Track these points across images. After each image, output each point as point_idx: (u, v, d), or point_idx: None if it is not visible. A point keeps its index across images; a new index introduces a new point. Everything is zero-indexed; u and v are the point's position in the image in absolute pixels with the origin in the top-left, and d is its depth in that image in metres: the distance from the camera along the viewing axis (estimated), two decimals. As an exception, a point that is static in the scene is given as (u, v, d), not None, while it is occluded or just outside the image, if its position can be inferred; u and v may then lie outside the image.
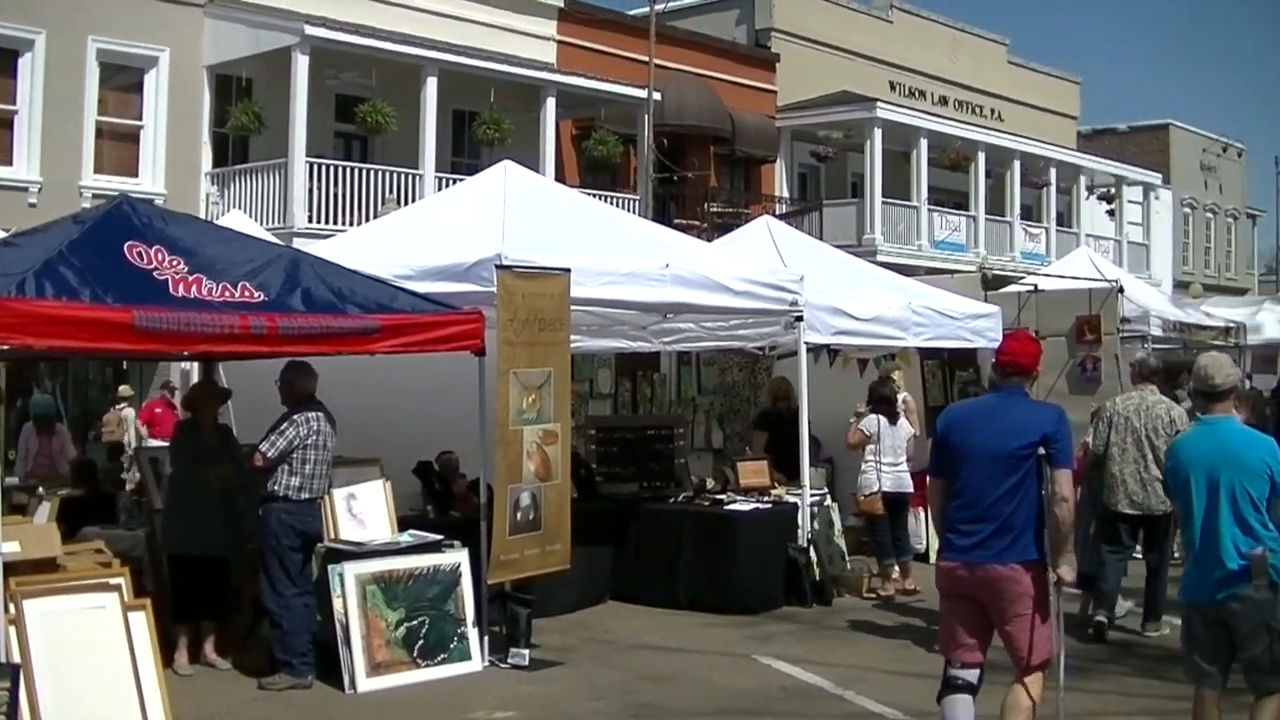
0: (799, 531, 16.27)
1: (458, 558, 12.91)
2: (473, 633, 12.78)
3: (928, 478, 9.81)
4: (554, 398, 13.24)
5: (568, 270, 13.33)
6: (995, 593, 8.85)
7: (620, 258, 14.55)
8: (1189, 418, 12.96)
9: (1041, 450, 8.84)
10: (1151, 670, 12.84)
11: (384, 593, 12.32)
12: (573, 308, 13.58)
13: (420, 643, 12.44)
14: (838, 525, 17.60)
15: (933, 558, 17.49)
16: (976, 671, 9.01)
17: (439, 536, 13.16)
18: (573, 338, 14.31)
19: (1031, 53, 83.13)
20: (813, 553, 16.18)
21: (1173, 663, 12.54)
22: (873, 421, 16.80)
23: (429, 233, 14.83)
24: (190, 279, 10.92)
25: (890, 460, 16.77)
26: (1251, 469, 8.74)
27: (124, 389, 24.84)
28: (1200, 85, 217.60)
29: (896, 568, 16.80)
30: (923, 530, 18.66)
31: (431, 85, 32.06)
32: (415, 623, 12.44)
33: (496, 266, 12.84)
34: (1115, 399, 15.20)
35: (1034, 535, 8.84)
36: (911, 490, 17.14)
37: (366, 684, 11.95)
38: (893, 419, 16.91)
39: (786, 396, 18.21)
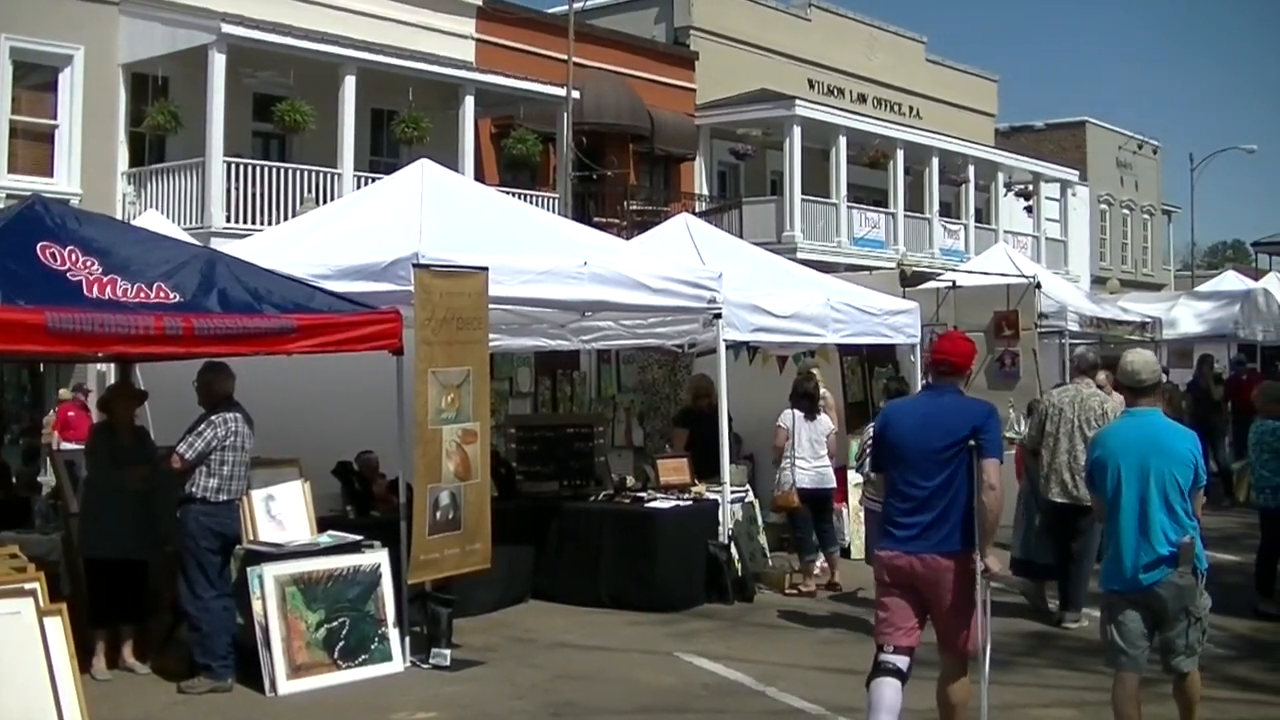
0: (720, 528, 16.30)
1: (378, 558, 12.86)
2: (393, 633, 12.73)
3: (870, 473, 10.05)
4: (473, 397, 13.19)
5: (485, 269, 13.29)
6: (933, 582, 9.19)
7: (538, 256, 14.52)
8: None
9: (971, 442, 9.16)
10: (1068, 662, 12.96)
11: (304, 594, 12.26)
12: (491, 306, 13.53)
13: (341, 644, 12.38)
14: (759, 522, 17.64)
15: (853, 554, 17.70)
16: (907, 659, 9.30)
17: (358, 537, 13.08)
18: (492, 336, 14.29)
19: (949, 51, 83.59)
20: (734, 550, 16.21)
21: (1089, 654, 12.73)
22: (789, 417, 16.85)
23: (346, 232, 14.76)
24: (105, 280, 10.86)
25: (808, 456, 16.79)
26: (1180, 459, 9.21)
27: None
28: (1117, 83, 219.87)
29: (822, 562, 16.86)
30: (846, 528, 18.72)
31: (350, 84, 31.92)
32: (336, 624, 12.38)
33: (414, 265, 12.79)
34: (1052, 392, 15.67)
35: (968, 526, 9.19)
36: (834, 485, 17.21)
37: (287, 686, 11.88)
38: (811, 415, 16.93)
39: (708, 394, 18.18)
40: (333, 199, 28.46)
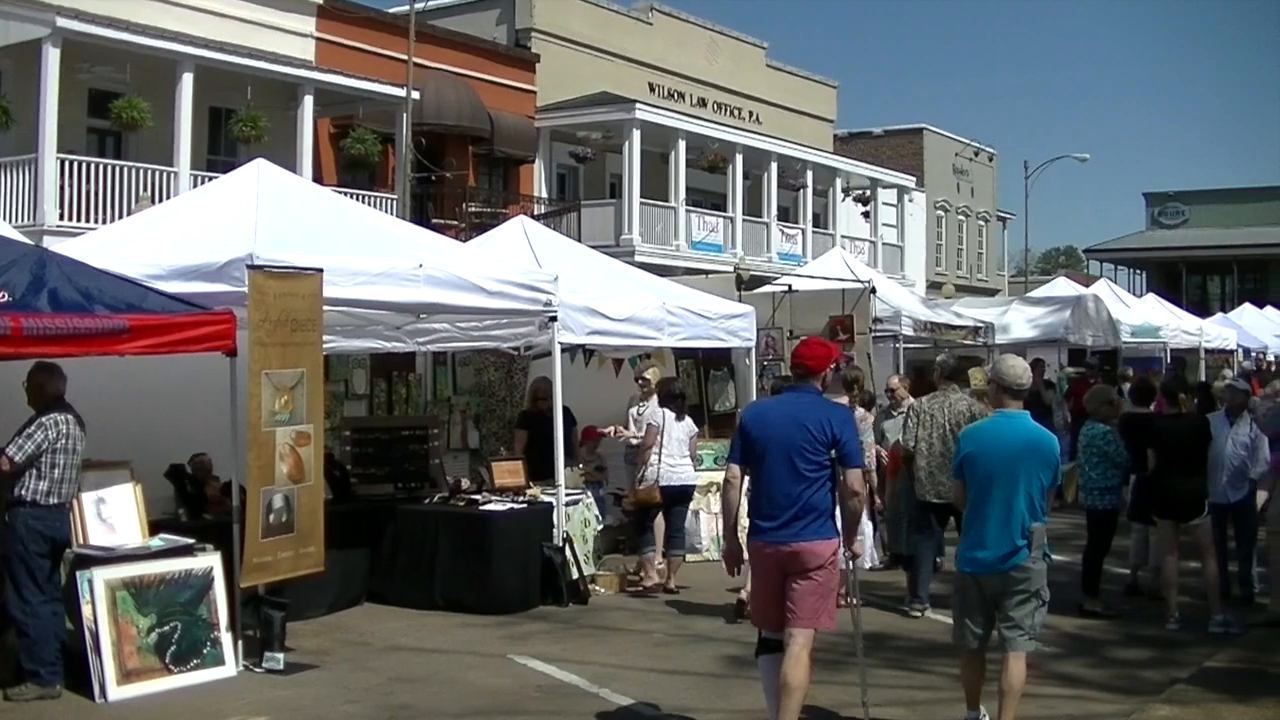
0: (554, 531, 16.34)
1: (210, 561, 12.77)
2: (226, 637, 12.65)
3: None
4: (307, 399, 13.14)
5: (320, 270, 13.24)
6: (799, 563, 9.89)
7: (374, 258, 14.48)
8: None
9: (832, 452, 9.86)
10: (900, 662, 13.23)
11: (134, 598, 12.14)
12: (326, 308, 13.49)
13: (172, 649, 12.27)
14: (594, 524, 17.72)
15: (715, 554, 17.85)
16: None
17: (191, 540, 12.97)
18: (327, 338, 14.27)
19: (790, 56, 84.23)
20: (568, 552, 16.26)
21: (921, 654, 13.08)
22: (659, 415, 17.14)
23: (180, 232, 14.59)
24: (-70, 280, 10.70)
25: (675, 454, 17.06)
26: (1047, 462, 10.24)
27: None
28: (953, 90, 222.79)
29: (663, 562, 17.00)
30: (702, 530, 18.87)
31: (187, 81, 31.58)
32: (167, 628, 12.27)
33: (248, 266, 12.70)
34: (922, 399, 16.27)
35: (830, 517, 10.06)
36: (695, 484, 17.48)
37: (117, 693, 11.75)
38: (680, 415, 17.29)
39: (547, 396, 18.21)
40: (169, 198, 28.04)
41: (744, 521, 10.43)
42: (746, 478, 10.36)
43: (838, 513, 10.14)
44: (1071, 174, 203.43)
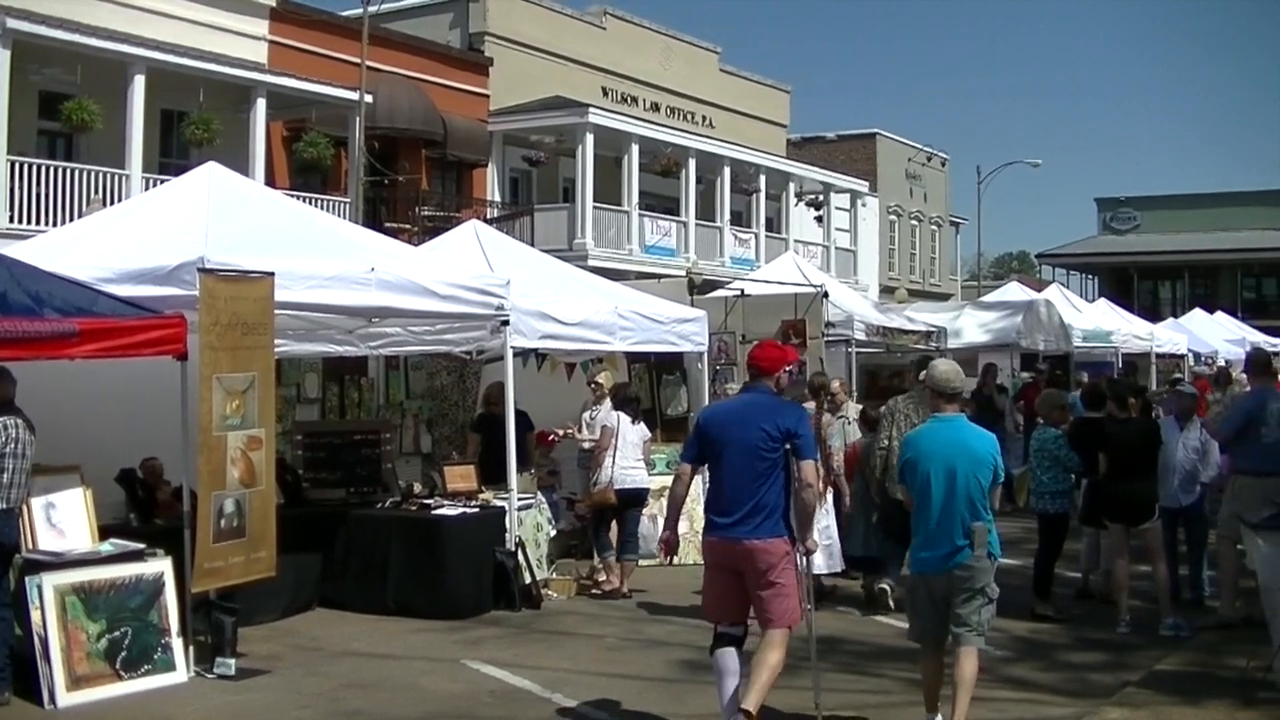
0: (507, 535, 16.31)
1: (161, 566, 12.70)
2: (177, 643, 12.59)
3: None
4: (258, 403, 13.09)
5: (271, 274, 13.18)
6: (751, 563, 10.17)
7: (325, 261, 14.43)
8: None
9: (787, 445, 10.14)
10: (853, 666, 13.24)
11: (84, 604, 12.06)
12: (278, 311, 13.43)
13: (123, 654, 12.19)
14: (546, 529, 17.69)
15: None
16: (742, 628, 10.44)
17: (141, 545, 12.89)
18: (279, 342, 14.23)
19: (743, 61, 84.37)
20: (521, 556, 16.23)
21: (873, 658, 13.07)
22: (613, 418, 17.18)
23: (131, 235, 14.49)
24: (-123, 283, 10.62)
25: (630, 457, 17.16)
26: (983, 461, 10.46)
27: None
28: (906, 95, 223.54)
29: (617, 565, 17.00)
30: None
31: (139, 83, 31.46)
32: (117, 634, 12.19)
33: (199, 270, 12.62)
34: (898, 399, 16.29)
35: (784, 515, 10.30)
36: (649, 488, 17.49)
37: (67, 699, 11.66)
38: (635, 419, 17.41)
39: (500, 401, 18.17)
40: (120, 201, 27.92)
41: (699, 525, 10.55)
42: (696, 476, 10.75)
43: (792, 514, 10.31)
44: (1024, 179, 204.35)
